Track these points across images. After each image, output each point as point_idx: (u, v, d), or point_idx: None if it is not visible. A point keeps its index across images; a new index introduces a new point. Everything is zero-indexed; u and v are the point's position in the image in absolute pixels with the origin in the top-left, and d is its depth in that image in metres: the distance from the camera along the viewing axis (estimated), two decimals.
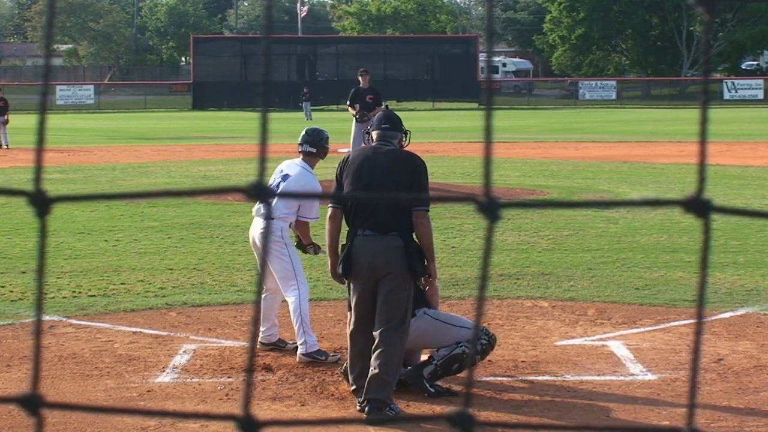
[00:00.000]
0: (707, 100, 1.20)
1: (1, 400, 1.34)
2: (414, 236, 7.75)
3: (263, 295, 9.37)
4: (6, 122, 35.53)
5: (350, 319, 8.03)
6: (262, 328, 9.43)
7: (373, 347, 7.63)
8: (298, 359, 8.97)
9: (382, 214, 7.67)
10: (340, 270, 7.82)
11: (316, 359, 8.94)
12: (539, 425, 1.40)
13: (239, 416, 1.15)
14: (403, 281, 7.68)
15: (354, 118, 22.75)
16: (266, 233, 9.28)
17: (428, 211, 7.78)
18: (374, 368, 7.54)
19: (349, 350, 7.95)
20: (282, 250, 9.14)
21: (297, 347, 9.25)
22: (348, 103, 23.06)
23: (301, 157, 9.44)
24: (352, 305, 7.89)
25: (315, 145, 9.39)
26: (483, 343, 8.16)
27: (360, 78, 23.00)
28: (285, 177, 9.32)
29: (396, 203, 7.87)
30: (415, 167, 7.78)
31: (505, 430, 7.19)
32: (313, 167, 9.43)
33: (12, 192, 1.30)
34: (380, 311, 7.67)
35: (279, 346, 9.35)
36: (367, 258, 7.65)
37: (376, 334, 7.64)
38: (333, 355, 9.06)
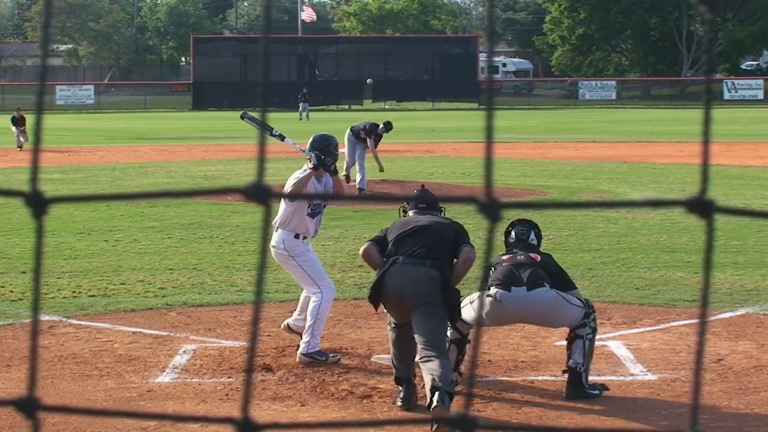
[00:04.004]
0: (710, 100, 1.19)
1: None
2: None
3: (302, 294, 9.41)
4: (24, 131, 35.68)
5: (390, 324, 8.01)
6: (297, 315, 9.40)
7: (431, 363, 7.51)
8: (297, 359, 8.96)
9: (423, 246, 7.72)
10: (370, 293, 7.83)
11: (315, 359, 8.93)
12: (539, 426, 1.40)
13: (238, 419, 1.15)
14: (442, 313, 7.64)
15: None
16: (269, 241, 9.21)
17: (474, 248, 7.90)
18: (441, 371, 7.41)
19: (396, 349, 7.90)
20: (289, 262, 9.12)
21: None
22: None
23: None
24: (390, 315, 7.92)
25: (322, 152, 9.31)
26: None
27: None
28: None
29: (441, 236, 7.88)
30: (459, 226, 7.97)
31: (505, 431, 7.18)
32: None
33: (9, 193, 1.30)
34: (425, 337, 7.59)
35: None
36: (400, 283, 7.66)
37: (424, 351, 7.58)
38: (333, 356, 9.05)
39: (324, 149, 9.26)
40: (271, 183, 1.43)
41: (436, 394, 7.25)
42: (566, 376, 8.12)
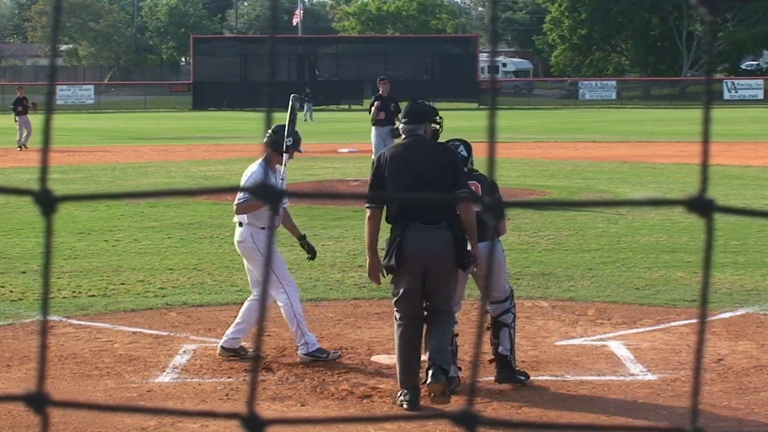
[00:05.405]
0: (710, 100, 1.20)
1: (8, 398, 1.35)
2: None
3: (249, 298, 9.29)
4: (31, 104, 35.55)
5: (397, 319, 7.97)
6: (228, 331, 9.20)
7: (432, 327, 7.82)
8: (299, 359, 8.96)
9: (432, 207, 7.78)
10: (393, 261, 7.75)
11: (318, 358, 8.93)
12: (539, 424, 1.41)
13: (243, 415, 1.15)
14: (453, 273, 7.84)
15: (376, 125, 22.28)
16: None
17: None
18: (437, 341, 7.72)
19: (403, 353, 7.90)
20: (256, 257, 9.00)
21: (257, 356, 9.14)
22: (375, 107, 22.44)
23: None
24: (401, 300, 7.89)
25: (270, 141, 9.23)
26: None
27: (380, 87, 22.56)
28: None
29: (441, 196, 7.92)
30: (454, 158, 7.98)
31: (506, 430, 7.19)
32: (269, 160, 9.15)
33: (18, 191, 1.31)
34: (435, 296, 7.82)
35: (240, 354, 9.11)
36: (421, 249, 7.71)
37: (431, 315, 7.83)
38: (334, 353, 9.06)
39: (269, 137, 9.18)
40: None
41: (430, 372, 7.60)
42: (520, 373, 8.41)
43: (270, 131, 9.18)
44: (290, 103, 10.08)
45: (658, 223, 16.85)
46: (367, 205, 8.11)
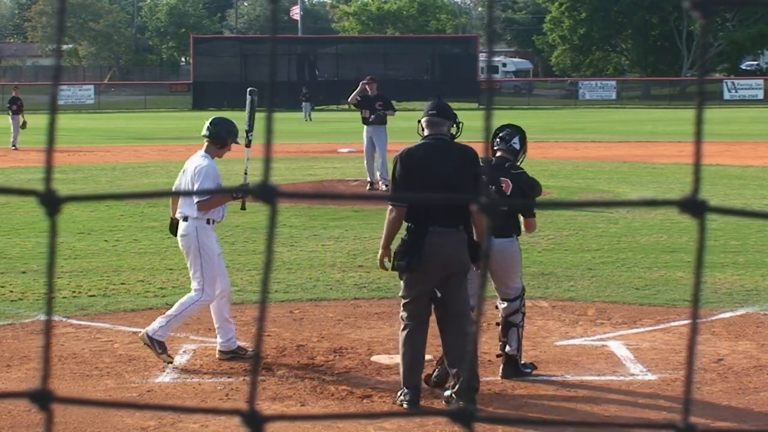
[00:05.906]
0: (703, 102, 1.21)
1: (13, 395, 1.36)
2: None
3: (212, 303, 9.24)
4: (21, 123, 35.54)
5: (404, 319, 7.94)
6: (218, 339, 9.21)
7: (453, 337, 7.75)
8: (140, 335, 9.00)
9: (451, 211, 7.78)
10: (413, 265, 7.72)
11: (153, 348, 8.87)
12: (539, 424, 1.42)
13: (244, 411, 1.16)
14: (466, 274, 7.87)
15: (364, 123, 22.56)
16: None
17: None
18: (468, 365, 7.70)
19: (407, 352, 7.87)
20: (195, 252, 8.99)
21: (256, 354, 9.13)
22: (356, 100, 22.63)
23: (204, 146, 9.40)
24: (411, 302, 7.86)
25: (210, 133, 9.37)
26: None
27: (367, 86, 22.64)
28: (184, 172, 9.37)
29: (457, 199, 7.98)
30: (477, 161, 7.93)
31: (505, 429, 7.20)
32: (212, 155, 9.32)
33: (23, 192, 1.31)
34: (455, 298, 7.80)
35: (239, 354, 9.11)
36: (444, 253, 7.72)
37: (449, 323, 7.80)
38: (168, 357, 8.92)
39: (211, 131, 9.36)
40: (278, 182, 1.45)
41: (462, 399, 7.52)
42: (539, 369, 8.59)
43: (209, 123, 9.39)
44: (248, 96, 10.19)
45: (658, 223, 16.86)
46: (391, 203, 7.98)
